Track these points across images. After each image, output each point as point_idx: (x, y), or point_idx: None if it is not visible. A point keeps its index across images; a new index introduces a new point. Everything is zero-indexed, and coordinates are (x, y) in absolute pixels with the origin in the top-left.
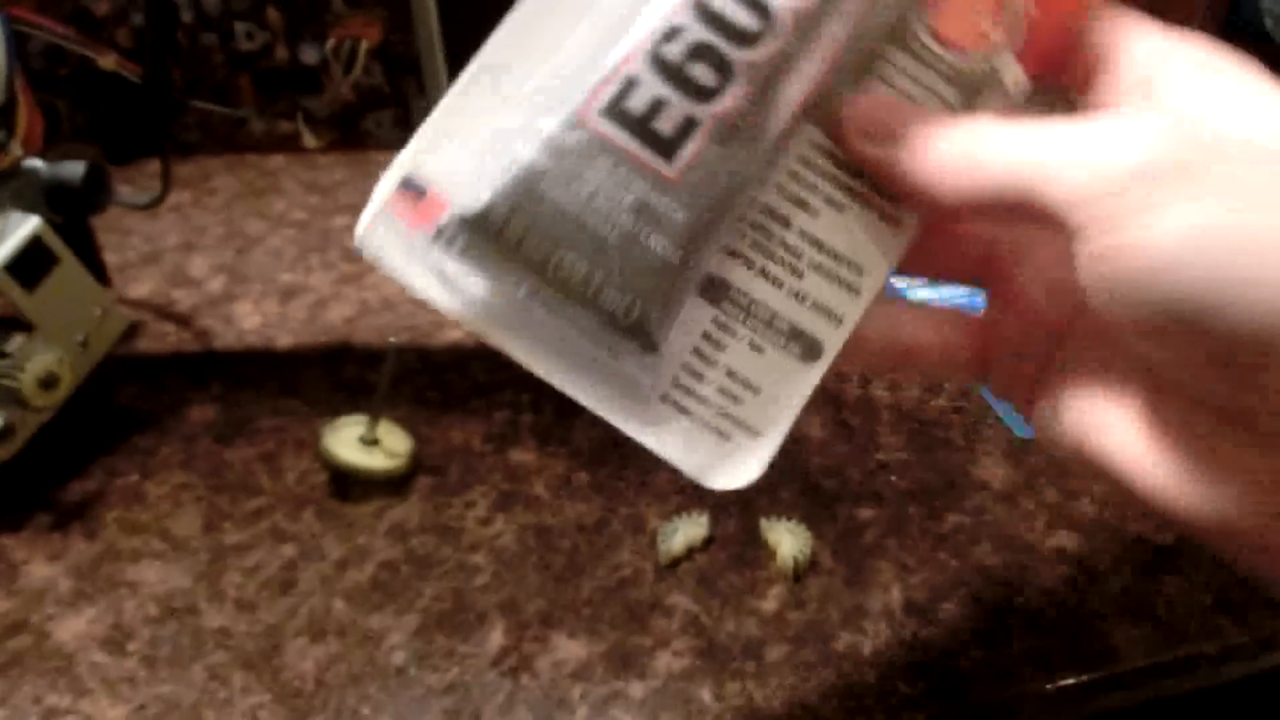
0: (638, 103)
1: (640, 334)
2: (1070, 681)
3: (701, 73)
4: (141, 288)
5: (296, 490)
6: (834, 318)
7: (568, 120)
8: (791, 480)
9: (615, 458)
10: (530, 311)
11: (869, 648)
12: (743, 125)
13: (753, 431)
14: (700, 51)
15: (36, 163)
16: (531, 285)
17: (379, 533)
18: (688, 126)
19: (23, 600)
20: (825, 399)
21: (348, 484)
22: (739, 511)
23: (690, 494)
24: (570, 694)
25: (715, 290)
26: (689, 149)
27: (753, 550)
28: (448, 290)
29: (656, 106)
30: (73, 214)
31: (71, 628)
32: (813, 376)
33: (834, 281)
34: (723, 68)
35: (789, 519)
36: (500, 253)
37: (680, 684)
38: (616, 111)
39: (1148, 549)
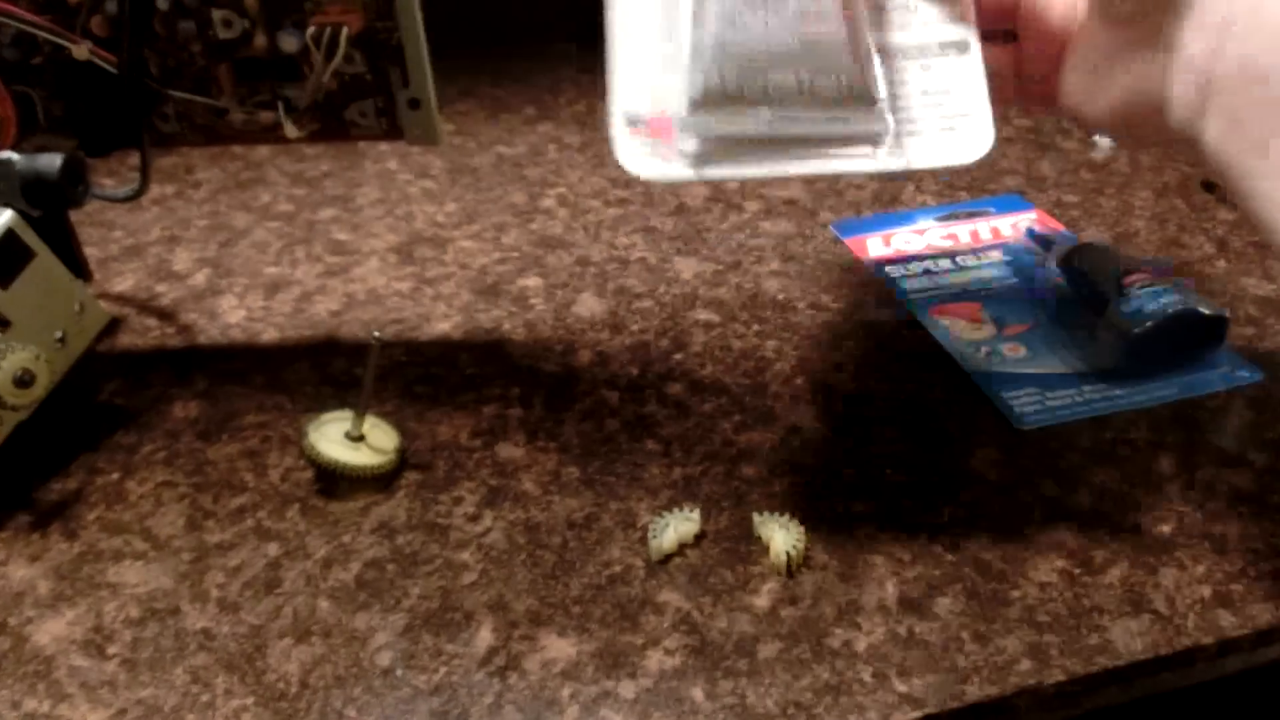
0: None
1: (859, 98)
2: (1067, 676)
3: None
4: (124, 282)
5: (281, 487)
6: (956, 17)
7: None
8: (784, 474)
9: (605, 452)
10: (775, 133)
11: (863, 644)
12: None
13: (963, 114)
14: None
15: (11, 155)
16: (767, 114)
17: (365, 530)
18: None
19: (1, 603)
20: (818, 390)
21: (333, 481)
22: (731, 506)
23: (681, 488)
24: (560, 694)
25: (880, 53)
26: None
27: (745, 545)
28: (699, 164)
29: None
30: (50, 208)
31: (51, 630)
32: (975, 62)
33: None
34: None
35: (782, 513)
36: (732, 108)
37: (672, 683)
38: None
39: (1145, 541)
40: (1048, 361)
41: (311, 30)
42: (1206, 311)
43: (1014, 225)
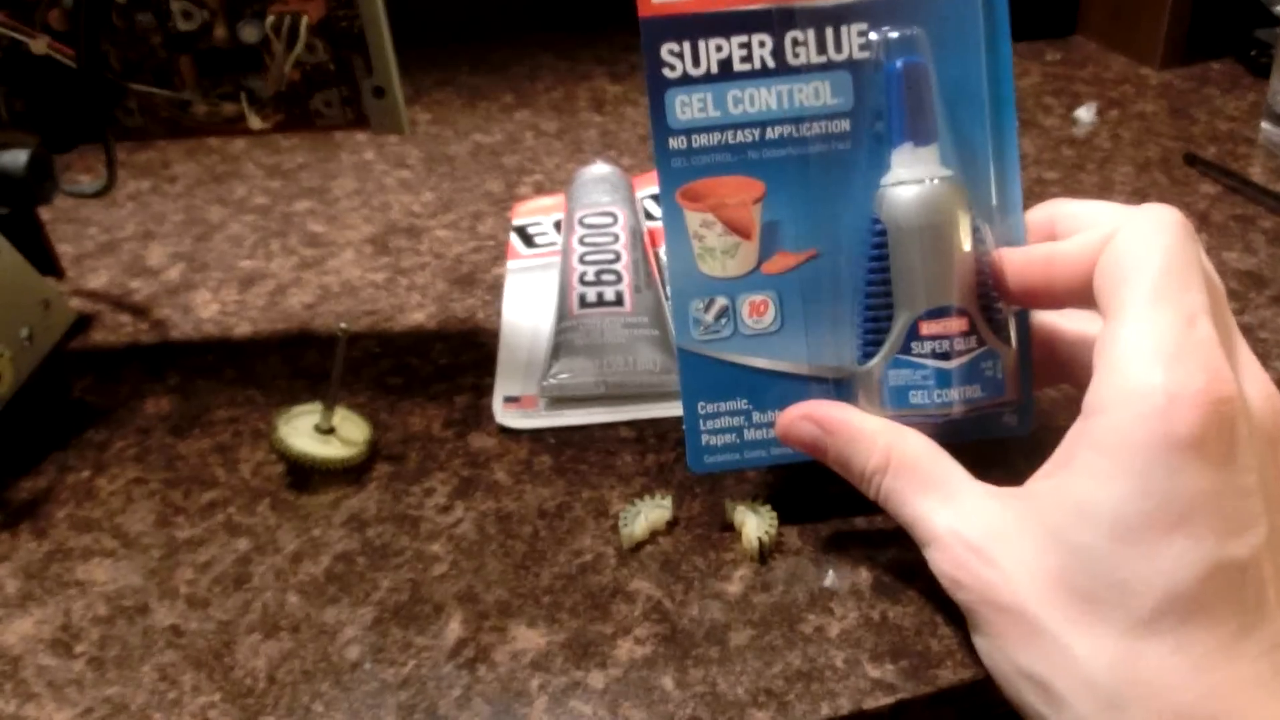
0: (590, 292)
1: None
2: None
3: (608, 290)
4: (98, 278)
5: (252, 482)
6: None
7: (566, 320)
8: None
9: (578, 440)
10: (608, 394)
11: (836, 629)
12: (643, 284)
13: None
14: (601, 273)
15: None
16: (602, 387)
17: (335, 524)
18: (616, 282)
19: None
20: None
21: (304, 474)
22: (704, 492)
23: (654, 475)
24: (529, 685)
25: None
26: (627, 296)
27: (718, 532)
28: (554, 417)
29: (598, 282)
30: (17, 205)
31: (18, 630)
32: None
33: None
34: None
35: (754, 499)
36: (575, 387)
37: (642, 672)
38: (584, 304)
39: None
40: None
41: (271, 19)
42: None
43: None
